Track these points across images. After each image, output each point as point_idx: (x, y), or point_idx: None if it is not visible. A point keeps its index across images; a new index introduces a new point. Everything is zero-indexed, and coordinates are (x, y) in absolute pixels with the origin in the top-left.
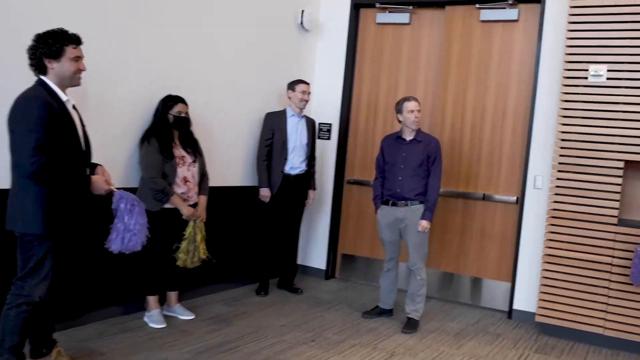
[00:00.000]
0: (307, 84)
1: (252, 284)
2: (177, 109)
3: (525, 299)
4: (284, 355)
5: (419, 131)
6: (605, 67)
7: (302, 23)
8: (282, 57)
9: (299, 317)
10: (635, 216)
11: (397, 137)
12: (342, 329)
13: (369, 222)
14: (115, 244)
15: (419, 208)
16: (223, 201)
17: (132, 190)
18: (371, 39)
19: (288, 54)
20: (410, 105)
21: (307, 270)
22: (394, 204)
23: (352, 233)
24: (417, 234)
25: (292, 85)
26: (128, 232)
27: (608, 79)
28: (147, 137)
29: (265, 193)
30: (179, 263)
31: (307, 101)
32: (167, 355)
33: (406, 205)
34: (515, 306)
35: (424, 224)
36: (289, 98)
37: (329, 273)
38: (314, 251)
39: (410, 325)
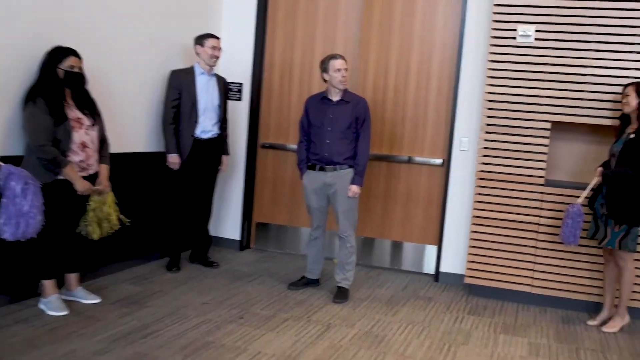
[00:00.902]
0: (218, 38)
1: (161, 260)
2: (68, 62)
3: (452, 261)
4: (214, 336)
5: (346, 91)
6: (533, 27)
7: None
8: (185, 7)
9: (221, 293)
10: (560, 176)
11: (323, 98)
12: (270, 302)
13: (286, 189)
14: (7, 230)
15: (348, 172)
16: (124, 169)
17: (16, 161)
18: None
19: (192, 4)
20: (337, 63)
21: (220, 242)
22: (321, 169)
23: (267, 200)
24: (346, 199)
25: (200, 40)
26: (22, 217)
27: (536, 39)
28: (32, 97)
29: (173, 160)
30: (95, 237)
31: (218, 58)
32: (75, 347)
33: (335, 169)
34: (442, 269)
35: (355, 189)
36: (197, 54)
37: (243, 244)
38: (226, 221)
39: (341, 295)
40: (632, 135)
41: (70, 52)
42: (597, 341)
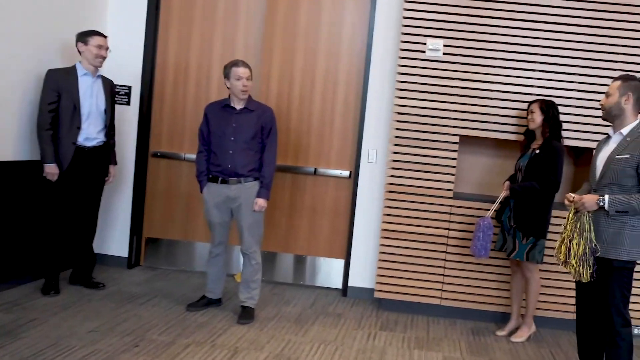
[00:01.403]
0: (104, 36)
1: (35, 282)
2: None
3: (361, 275)
4: None
5: (250, 99)
6: (442, 41)
7: None
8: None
9: (110, 319)
10: (467, 189)
11: (225, 106)
12: (168, 327)
13: (180, 201)
14: None
15: (253, 185)
16: None
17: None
18: None
19: None
20: (238, 71)
21: (105, 259)
22: (224, 181)
23: (159, 214)
24: (251, 214)
25: (83, 37)
26: None
27: (444, 53)
28: None
29: (51, 170)
30: None
31: (104, 58)
32: None
33: (239, 182)
34: (351, 283)
35: (261, 202)
36: (80, 52)
37: (132, 261)
38: (112, 236)
39: (246, 315)
40: (537, 151)
41: None
42: (508, 352)
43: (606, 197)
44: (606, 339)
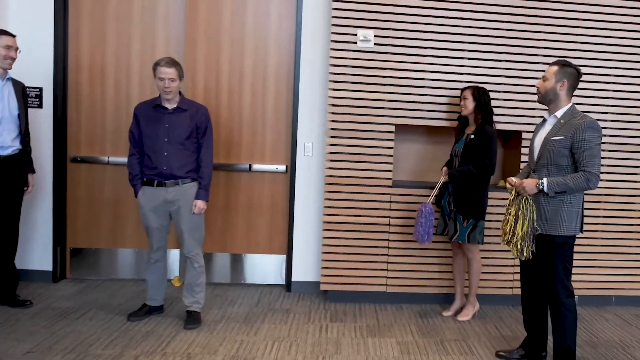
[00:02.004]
0: (13, 36)
1: None
2: None
3: (304, 269)
4: None
5: (183, 98)
6: (372, 32)
7: None
8: None
9: (46, 338)
10: (403, 177)
11: (157, 106)
12: (111, 339)
13: (105, 207)
14: None
15: (192, 187)
16: None
17: None
18: None
19: None
20: (161, 71)
21: (27, 275)
22: (160, 184)
23: (82, 222)
24: (191, 216)
25: None
26: None
27: (376, 44)
28: None
29: None
30: None
31: (13, 59)
32: None
33: (177, 184)
34: (294, 278)
35: (200, 204)
36: None
37: (57, 274)
38: (33, 249)
39: (193, 319)
40: (472, 136)
41: None
42: (456, 330)
43: (545, 180)
44: (552, 311)
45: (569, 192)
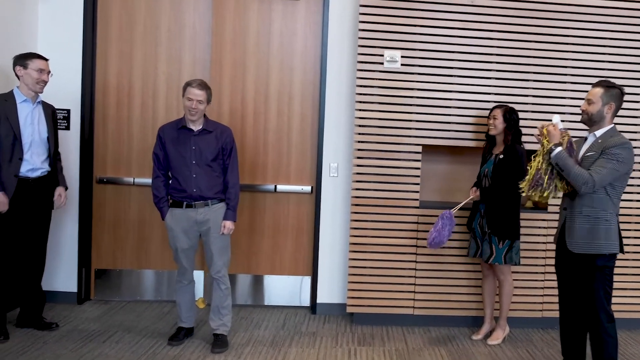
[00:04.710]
0: (46, 59)
1: None
2: None
3: (329, 291)
4: None
5: (207, 120)
6: (399, 52)
7: None
8: None
9: None
10: (430, 197)
11: (182, 127)
12: None
13: (130, 228)
14: None
15: (220, 207)
16: None
17: None
18: (117, 7)
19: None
20: (191, 92)
21: (52, 296)
22: (189, 206)
23: (107, 243)
24: (221, 237)
25: (22, 61)
26: None
27: (402, 64)
28: None
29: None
30: None
31: (45, 82)
32: None
33: (206, 205)
34: (319, 300)
35: (229, 225)
36: (19, 77)
37: (82, 295)
38: (58, 270)
39: (220, 343)
40: (501, 156)
41: None
42: (488, 355)
43: (559, 148)
44: (593, 337)
45: (564, 172)
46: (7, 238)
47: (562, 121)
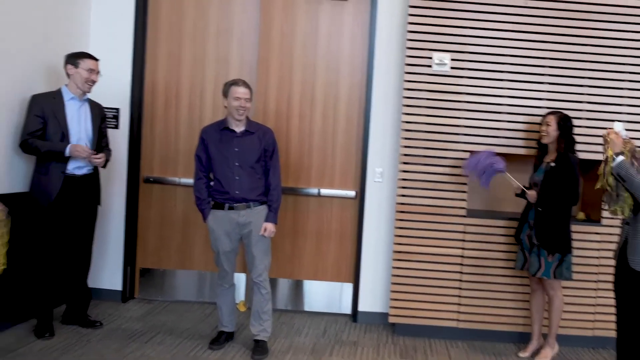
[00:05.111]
0: (96, 59)
1: (24, 323)
2: None
3: (371, 299)
4: None
5: (249, 121)
6: (448, 55)
7: None
8: (44, 19)
9: None
10: (476, 205)
11: (224, 129)
12: None
13: (175, 228)
14: None
15: (262, 209)
16: None
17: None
18: (167, 7)
19: (53, 15)
20: (237, 90)
21: (97, 293)
22: (231, 208)
23: (153, 242)
24: (262, 240)
25: (73, 60)
26: None
27: (452, 68)
28: None
29: (75, 147)
30: None
31: (94, 82)
32: None
33: (248, 207)
34: (361, 308)
35: (270, 227)
36: (69, 75)
37: (126, 294)
38: (104, 268)
39: (261, 349)
40: (553, 164)
41: None
42: None
43: (621, 157)
44: None
45: (626, 183)
46: (54, 235)
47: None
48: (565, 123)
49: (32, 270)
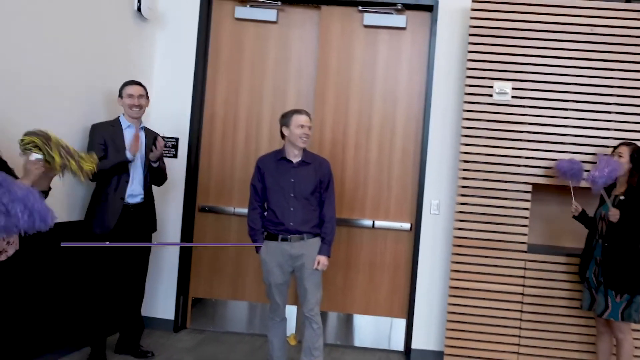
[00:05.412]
0: (138, 84)
1: (77, 351)
2: None
3: (425, 336)
4: None
5: (306, 151)
6: (510, 84)
7: (139, 9)
8: (110, 51)
9: None
10: (537, 240)
11: (281, 159)
12: None
13: (228, 258)
14: None
15: (315, 242)
16: (28, 243)
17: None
18: (228, 37)
19: (120, 48)
20: (300, 119)
21: (150, 323)
22: (284, 239)
23: (206, 272)
24: (314, 273)
25: (120, 91)
26: None
27: (513, 97)
28: None
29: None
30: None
31: (140, 107)
32: None
33: (302, 239)
34: (414, 345)
35: (324, 260)
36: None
37: (178, 323)
38: (157, 297)
39: None
40: (622, 197)
41: None
42: None
43: None
44: None
45: None
46: (109, 263)
47: None
48: (639, 155)
49: (87, 298)
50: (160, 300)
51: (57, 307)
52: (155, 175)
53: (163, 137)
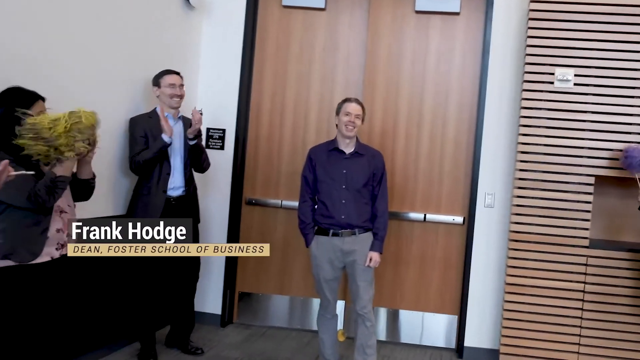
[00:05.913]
0: (176, 73)
1: (127, 347)
2: (36, 108)
3: (478, 333)
4: None
5: (359, 142)
6: (572, 70)
7: None
8: (157, 40)
9: None
10: (606, 236)
11: (333, 149)
12: None
13: (275, 252)
14: None
15: (367, 237)
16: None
17: None
18: (275, 25)
19: (166, 40)
20: (348, 107)
21: (198, 317)
22: (335, 234)
23: (253, 266)
24: (367, 270)
25: (156, 80)
26: None
27: (575, 84)
28: None
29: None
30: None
31: (180, 96)
32: None
33: (353, 234)
34: (467, 343)
35: (376, 257)
36: (158, 97)
37: (225, 318)
38: (206, 292)
39: None
40: None
41: (35, 97)
42: None
43: None
44: None
45: None
46: (159, 258)
47: None
48: None
49: (138, 293)
50: (207, 294)
51: (109, 302)
52: (195, 157)
53: (209, 129)
